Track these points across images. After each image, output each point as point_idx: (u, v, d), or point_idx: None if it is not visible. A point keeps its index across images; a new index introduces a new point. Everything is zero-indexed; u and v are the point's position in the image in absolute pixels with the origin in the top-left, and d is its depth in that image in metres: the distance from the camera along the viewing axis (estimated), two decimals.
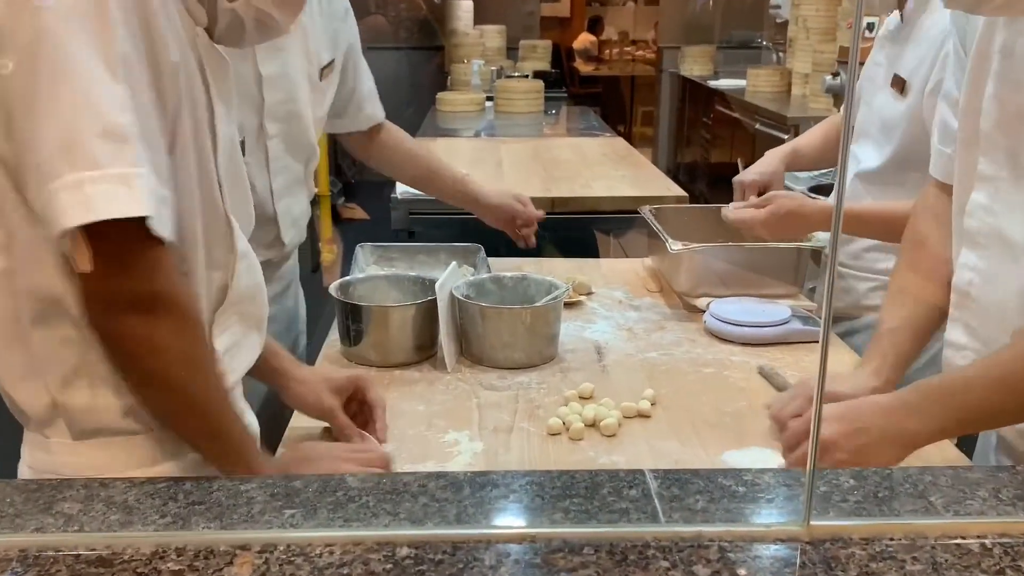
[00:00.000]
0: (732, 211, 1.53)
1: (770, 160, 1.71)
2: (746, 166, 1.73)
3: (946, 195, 1.15)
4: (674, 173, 6.26)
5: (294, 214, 1.53)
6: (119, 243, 0.78)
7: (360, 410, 1.11)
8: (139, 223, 0.78)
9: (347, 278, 1.45)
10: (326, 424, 1.11)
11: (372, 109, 1.68)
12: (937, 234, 1.14)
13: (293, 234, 1.53)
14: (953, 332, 1.08)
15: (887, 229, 1.39)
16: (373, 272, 1.62)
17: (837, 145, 1.77)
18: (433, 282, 1.34)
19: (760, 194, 1.67)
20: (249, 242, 0.97)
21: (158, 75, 0.81)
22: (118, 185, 0.76)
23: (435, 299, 1.31)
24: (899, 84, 1.46)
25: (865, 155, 1.55)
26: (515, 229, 1.76)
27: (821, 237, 1.58)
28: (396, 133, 1.75)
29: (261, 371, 1.07)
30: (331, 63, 1.54)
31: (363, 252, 1.70)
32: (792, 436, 1.02)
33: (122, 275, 0.79)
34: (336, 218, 4.96)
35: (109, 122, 0.77)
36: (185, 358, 0.83)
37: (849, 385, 1.07)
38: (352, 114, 1.66)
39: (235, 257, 0.93)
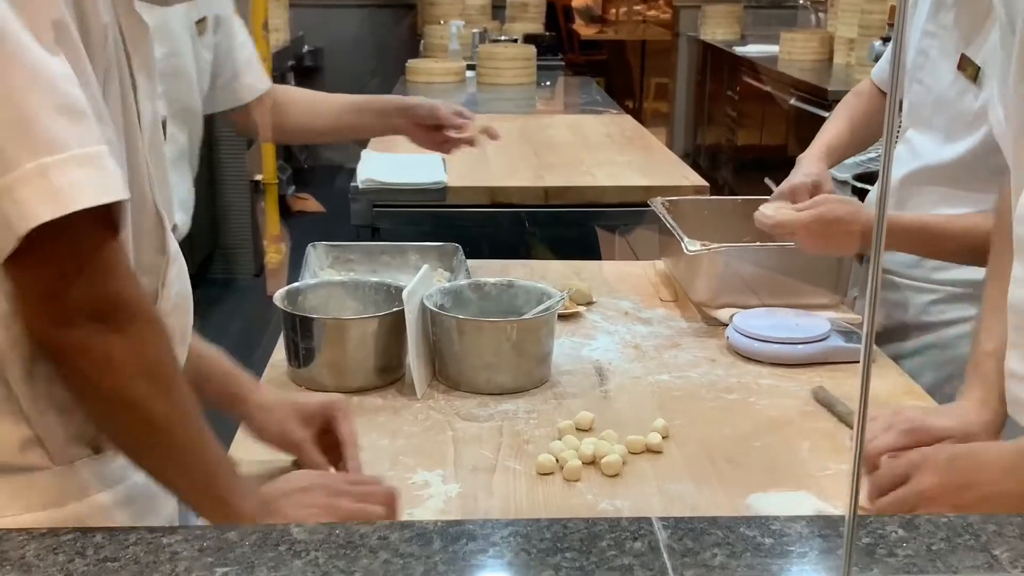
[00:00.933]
0: (770, 211, 1.49)
1: (810, 162, 1.69)
2: (778, 185, 1.72)
3: None
4: (693, 158, 6.28)
5: (180, 195, 1.54)
6: (77, 238, 0.79)
7: (329, 445, 1.11)
8: (98, 214, 0.78)
9: (296, 284, 1.45)
10: (280, 459, 1.11)
11: (253, 78, 1.69)
12: None
13: (181, 218, 1.54)
14: (1015, 361, 1.07)
15: (956, 247, 1.39)
16: (327, 277, 1.62)
17: (868, 133, 1.76)
18: (400, 289, 1.34)
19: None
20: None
21: (88, 40, 0.82)
22: (87, 168, 0.77)
23: (402, 310, 1.31)
24: (971, 70, 1.44)
25: (925, 147, 1.55)
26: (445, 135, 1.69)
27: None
28: (286, 92, 1.73)
29: (213, 395, 1.07)
30: (204, 19, 1.57)
31: (316, 253, 1.70)
32: (885, 478, 1.00)
33: (77, 277, 0.80)
34: (285, 211, 4.95)
35: (63, 95, 0.77)
36: (149, 372, 0.84)
37: (954, 419, 1.05)
38: (224, 86, 1.66)
39: (167, 259, 0.94)
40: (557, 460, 1.15)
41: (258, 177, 4.46)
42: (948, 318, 1.55)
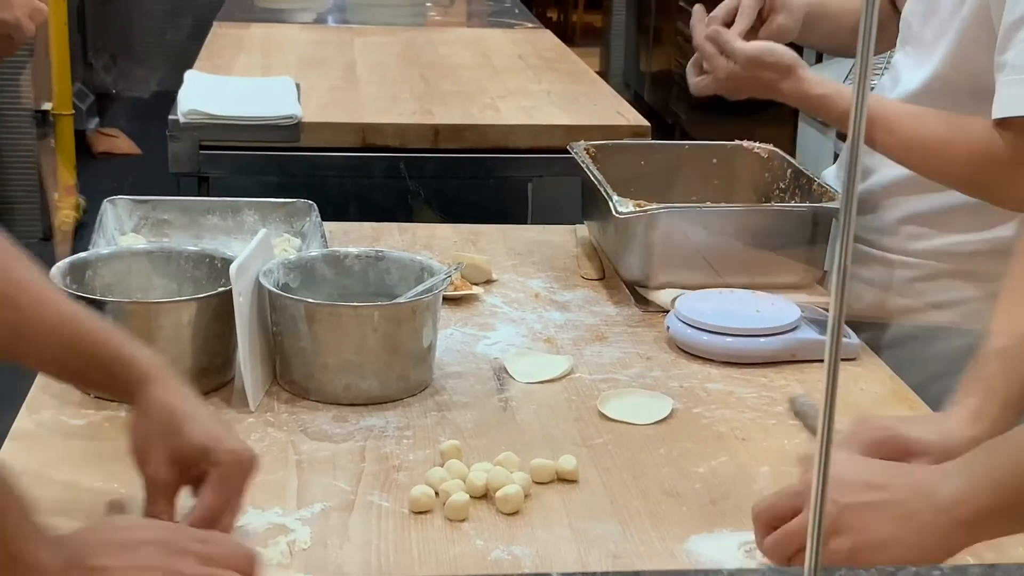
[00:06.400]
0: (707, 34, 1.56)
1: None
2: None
3: None
4: (635, 89, 6.32)
5: None
6: None
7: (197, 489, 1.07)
8: None
9: (83, 254, 1.43)
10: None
11: None
12: None
13: None
14: None
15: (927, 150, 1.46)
16: (129, 244, 1.59)
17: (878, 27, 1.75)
18: (228, 262, 1.33)
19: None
20: None
21: None
22: None
23: (230, 291, 1.29)
24: None
25: (908, 68, 1.58)
26: None
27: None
28: None
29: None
30: None
31: (114, 210, 1.68)
32: (784, 538, 1.02)
33: None
34: (85, 153, 4.84)
35: None
36: None
37: (934, 431, 1.08)
38: None
39: None
40: (437, 493, 1.15)
41: (46, 106, 4.35)
42: (931, 301, 1.58)
